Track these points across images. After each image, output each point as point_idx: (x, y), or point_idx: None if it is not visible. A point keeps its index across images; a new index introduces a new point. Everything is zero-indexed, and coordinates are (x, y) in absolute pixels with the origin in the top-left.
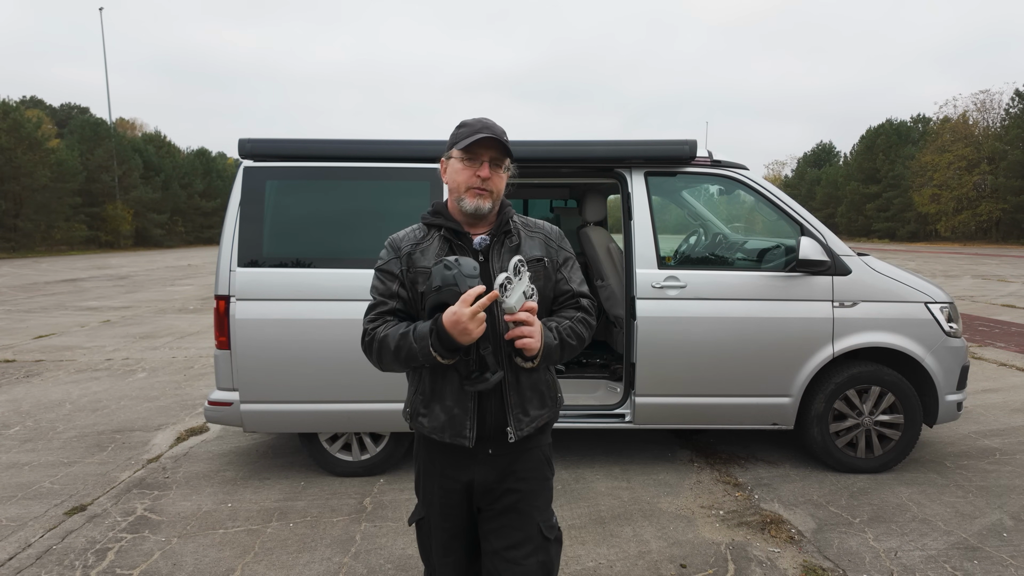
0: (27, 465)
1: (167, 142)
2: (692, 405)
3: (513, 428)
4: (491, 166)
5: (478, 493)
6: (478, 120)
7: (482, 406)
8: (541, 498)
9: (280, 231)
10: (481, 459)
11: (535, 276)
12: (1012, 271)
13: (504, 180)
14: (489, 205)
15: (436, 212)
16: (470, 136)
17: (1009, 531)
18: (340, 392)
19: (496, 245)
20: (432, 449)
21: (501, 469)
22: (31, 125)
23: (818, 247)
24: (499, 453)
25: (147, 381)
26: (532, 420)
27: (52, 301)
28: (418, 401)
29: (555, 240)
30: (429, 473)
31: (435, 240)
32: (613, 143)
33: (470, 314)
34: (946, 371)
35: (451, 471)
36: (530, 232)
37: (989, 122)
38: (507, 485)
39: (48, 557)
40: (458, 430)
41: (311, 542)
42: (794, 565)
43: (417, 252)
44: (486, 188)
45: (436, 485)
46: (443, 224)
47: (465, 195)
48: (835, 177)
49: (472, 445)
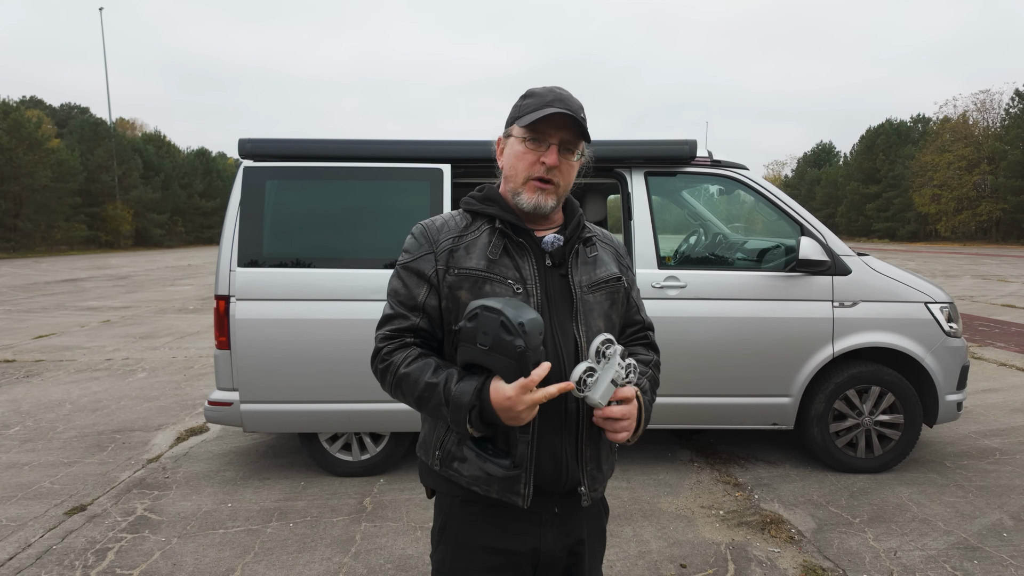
0: (27, 465)
1: (167, 142)
2: (692, 405)
3: (587, 488)
4: (560, 151)
5: (543, 566)
6: (549, 90)
7: (543, 452)
8: (599, 555)
9: (280, 231)
10: (548, 520)
11: (616, 298)
12: (1012, 271)
13: (575, 171)
14: (553, 203)
15: (488, 198)
16: (537, 110)
17: (1009, 531)
18: (340, 392)
19: (573, 254)
20: (477, 513)
21: (569, 530)
22: (31, 125)
23: (818, 247)
24: (566, 512)
25: (147, 381)
26: (604, 477)
27: (52, 301)
28: (451, 440)
29: (624, 256)
30: (469, 548)
31: (483, 234)
32: (613, 143)
33: (529, 403)
34: (946, 371)
35: (504, 541)
36: (603, 243)
37: (989, 122)
38: (569, 548)
39: (48, 557)
40: (510, 483)
41: (311, 542)
42: (794, 565)
43: (460, 248)
44: (552, 180)
45: (478, 567)
46: (498, 215)
47: (523, 188)
48: (835, 177)
49: (527, 505)
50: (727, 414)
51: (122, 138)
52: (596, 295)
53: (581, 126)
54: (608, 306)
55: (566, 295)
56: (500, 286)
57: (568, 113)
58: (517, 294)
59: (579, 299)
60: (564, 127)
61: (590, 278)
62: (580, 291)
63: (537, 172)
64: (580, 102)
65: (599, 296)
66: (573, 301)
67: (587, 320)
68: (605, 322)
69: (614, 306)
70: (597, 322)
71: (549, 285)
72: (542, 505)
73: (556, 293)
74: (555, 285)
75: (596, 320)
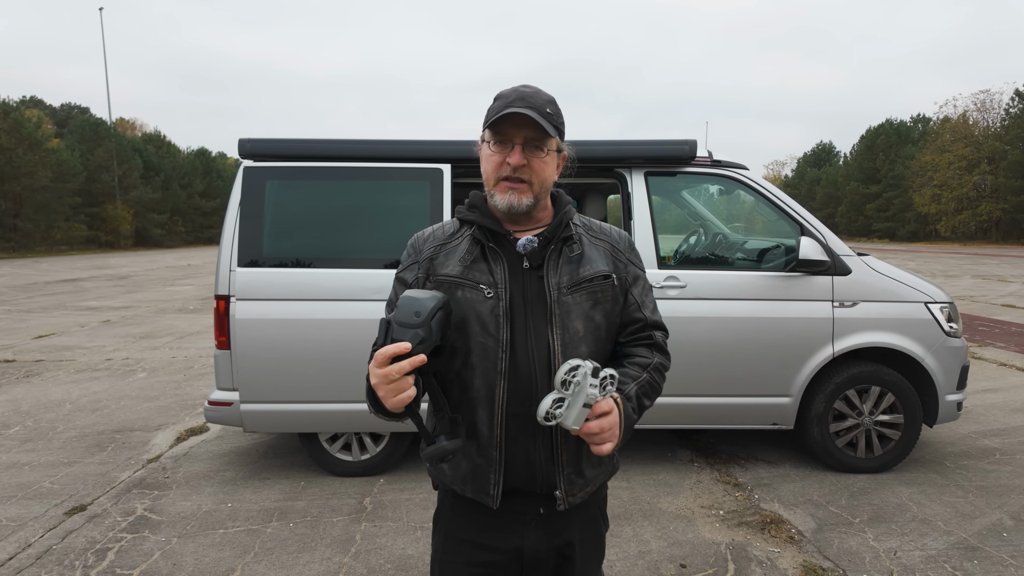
0: (27, 465)
1: (167, 142)
2: (692, 405)
3: (564, 492)
4: (526, 149)
5: (528, 566)
6: (514, 90)
7: (515, 454)
8: (593, 562)
9: (280, 231)
10: (532, 520)
11: (601, 297)
12: (1012, 271)
13: (551, 166)
14: (528, 201)
15: (471, 205)
16: (497, 112)
17: (1009, 531)
18: (340, 392)
19: (553, 253)
20: (461, 509)
21: (556, 531)
22: (31, 125)
23: (818, 247)
24: (553, 514)
25: (147, 381)
26: (588, 482)
27: (52, 301)
28: None
29: (624, 251)
30: (455, 541)
31: (464, 240)
32: (613, 143)
33: (380, 378)
34: (946, 371)
35: (487, 538)
36: (594, 238)
37: (989, 122)
38: (557, 549)
39: (48, 557)
40: (480, 484)
41: (311, 542)
42: (794, 565)
43: (440, 256)
44: (521, 178)
45: (464, 560)
46: (477, 220)
47: (495, 189)
48: (835, 177)
49: (496, 505)
50: (727, 414)
51: (122, 138)
52: (576, 295)
53: (540, 124)
54: (590, 307)
55: (543, 298)
56: (472, 291)
57: (525, 112)
58: (488, 299)
59: (554, 301)
60: (526, 125)
61: (571, 278)
62: (556, 292)
63: (504, 172)
64: (549, 97)
65: (579, 296)
66: (548, 304)
67: (563, 323)
68: (585, 323)
69: (597, 306)
70: (575, 324)
71: (526, 288)
72: (525, 505)
73: (533, 296)
74: (533, 288)
75: (574, 322)
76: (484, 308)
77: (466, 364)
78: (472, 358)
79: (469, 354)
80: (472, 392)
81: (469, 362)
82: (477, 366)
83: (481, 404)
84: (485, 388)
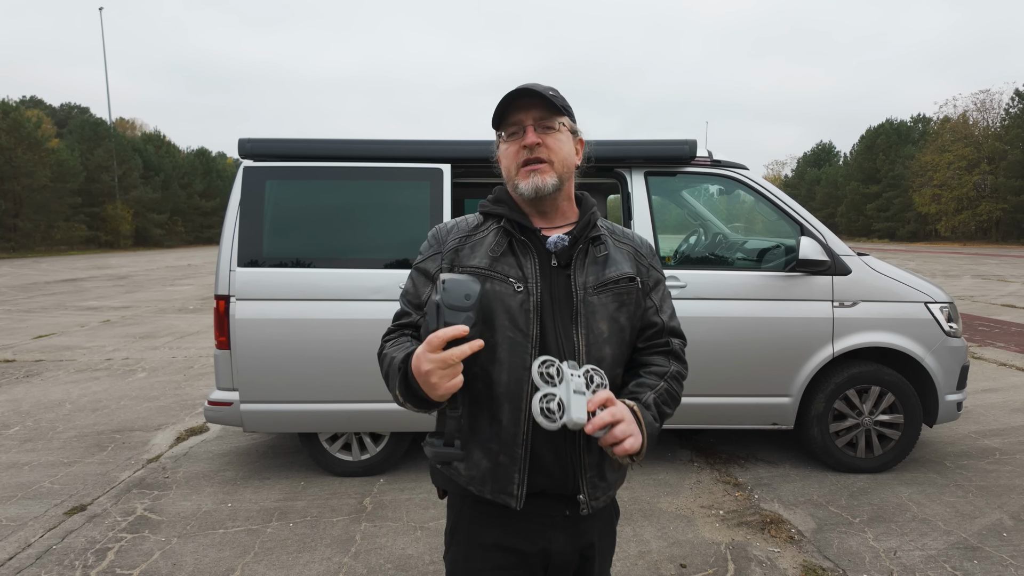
0: (27, 465)
1: (167, 142)
2: (692, 405)
3: (587, 496)
4: (537, 130)
5: (554, 567)
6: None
7: (539, 454)
8: (608, 557)
9: (280, 231)
10: (559, 522)
11: (626, 299)
12: (1012, 271)
13: (567, 144)
14: (553, 181)
15: (498, 199)
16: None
17: (1009, 531)
18: (340, 392)
19: (580, 253)
20: (480, 514)
21: (580, 532)
22: (31, 125)
23: (818, 247)
24: (577, 515)
25: (147, 381)
26: (609, 487)
27: (52, 301)
28: None
29: (646, 256)
30: (476, 546)
31: (490, 233)
32: (613, 143)
33: (435, 363)
34: (946, 371)
35: (513, 541)
36: (618, 241)
37: (989, 122)
38: (580, 551)
39: (48, 557)
40: (502, 484)
41: (311, 542)
42: (794, 565)
43: (466, 248)
44: (540, 158)
45: (491, 565)
46: (505, 213)
47: (518, 177)
48: (835, 177)
49: (520, 506)
50: (727, 414)
51: (122, 138)
52: (602, 296)
53: (547, 99)
54: (615, 308)
55: (570, 297)
56: (501, 284)
57: (528, 88)
58: (518, 293)
59: (580, 301)
60: (532, 107)
61: (597, 278)
62: (583, 292)
63: (523, 157)
64: (551, 86)
65: (605, 297)
66: (574, 303)
67: (588, 323)
68: (610, 325)
69: (623, 308)
70: (600, 325)
71: (554, 286)
72: (551, 507)
73: (560, 294)
74: (560, 286)
75: (599, 323)
76: (513, 302)
77: (493, 359)
78: (499, 352)
79: (496, 348)
80: (499, 387)
81: (496, 356)
82: (505, 361)
83: (507, 400)
84: (513, 384)
